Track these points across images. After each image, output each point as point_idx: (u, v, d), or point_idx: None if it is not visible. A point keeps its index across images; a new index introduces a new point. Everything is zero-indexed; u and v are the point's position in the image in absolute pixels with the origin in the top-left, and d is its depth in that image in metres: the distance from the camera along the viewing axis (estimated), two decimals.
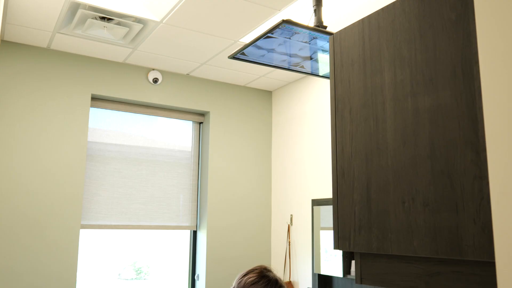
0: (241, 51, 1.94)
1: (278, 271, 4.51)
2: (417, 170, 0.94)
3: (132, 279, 4.77)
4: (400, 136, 0.99)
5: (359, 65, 1.12)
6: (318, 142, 4.14)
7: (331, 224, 3.96)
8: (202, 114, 4.52)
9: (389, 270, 1.01)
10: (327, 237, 3.96)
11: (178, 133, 4.45)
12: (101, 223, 3.93)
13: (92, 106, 3.97)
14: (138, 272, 4.88)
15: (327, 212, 3.98)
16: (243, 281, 1.77)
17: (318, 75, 2.26)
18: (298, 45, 1.89)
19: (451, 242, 0.86)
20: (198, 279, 4.30)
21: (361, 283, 1.08)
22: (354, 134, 1.11)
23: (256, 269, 1.81)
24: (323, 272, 3.91)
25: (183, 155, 4.43)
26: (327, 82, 4.10)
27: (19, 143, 3.54)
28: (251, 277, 1.78)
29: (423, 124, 0.94)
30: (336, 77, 1.19)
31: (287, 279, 4.29)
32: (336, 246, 1.11)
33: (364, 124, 1.08)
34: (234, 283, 1.81)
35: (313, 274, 4.03)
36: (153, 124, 4.32)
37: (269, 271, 1.81)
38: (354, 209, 1.08)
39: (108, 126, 4.09)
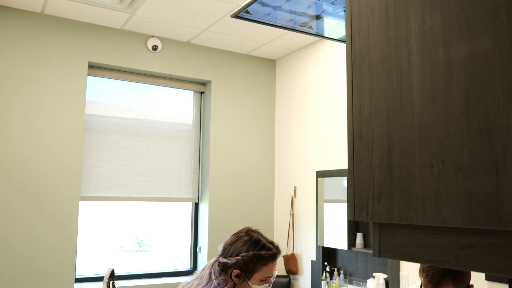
0: (245, 8, 1.79)
1: (280, 242, 4.45)
2: (449, 129, 0.82)
3: (134, 251, 4.74)
4: (428, 91, 0.87)
5: (380, 13, 0.99)
6: (323, 112, 4.01)
7: (335, 197, 3.87)
8: (203, 83, 4.38)
9: (413, 242, 0.90)
10: (331, 209, 3.88)
11: (179, 103, 4.32)
12: (101, 195, 3.85)
13: (89, 74, 3.83)
14: (141, 244, 4.84)
15: (331, 184, 3.88)
16: (225, 242, 1.66)
17: (325, 37, 2.12)
18: (306, 2, 1.75)
19: (489, 210, 0.75)
20: (200, 252, 4.25)
21: (379, 256, 0.97)
22: (374, 91, 0.99)
23: (241, 231, 1.70)
24: (327, 244, 3.84)
25: (184, 126, 4.31)
26: (334, 49, 3.94)
27: (14, 114, 3.42)
28: (234, 237, 1.67)
29: (457, 76, 0.82)
30: (353, 28, 1.06)
31: (290, 252, 4.23)
32: (352, 216, 1.00)
33: (386, 80, 0.96)
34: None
35: (317, 246, 3.97)
36: (153, 94, 4.19)
37: (254, 231, 1.67)
38: (373, 175, 0.97)
39: (106, 97, 3.96)
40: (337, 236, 3.77)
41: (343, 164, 3.77)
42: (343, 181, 3.73)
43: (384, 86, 0.96)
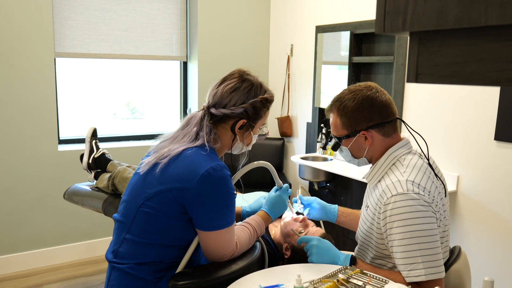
0: None
1: (274, 104, 4.23)
2: None
3: (127, 118, 4.60)
4: None
5: None
6: None
7: (334, 58, 3.55)
8: None
9: (471, 56, 0.63)
10: (329, 73, 3.58)
11: None
12: (78, 52, 3.50)
13: None
14: (133, 111, 4.69)
15: (331, 43, 3.53)
16: (219, 91, 1.41)
17: None
18: None
19: None
20: (190, 113, 4.05)
21: (415, 81, 0.71)
22: None
23: (234, 73, 1.45)
24: (325, 105, 3.63)
25: None
26: None
27: None
28: (230, 83, 1.41)
29: None
30: None
31: (285, 114, 4.04)
32: (380, 28, 0.71)
33: None
34: (207, 98, 1.46)
35: (314, 108, 3.76)
36: None
37: (249, 74, 1.45)
38: None
39: None
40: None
41: (346, 17, 3.38)
42: (346, 36, 3.37)
43: None
